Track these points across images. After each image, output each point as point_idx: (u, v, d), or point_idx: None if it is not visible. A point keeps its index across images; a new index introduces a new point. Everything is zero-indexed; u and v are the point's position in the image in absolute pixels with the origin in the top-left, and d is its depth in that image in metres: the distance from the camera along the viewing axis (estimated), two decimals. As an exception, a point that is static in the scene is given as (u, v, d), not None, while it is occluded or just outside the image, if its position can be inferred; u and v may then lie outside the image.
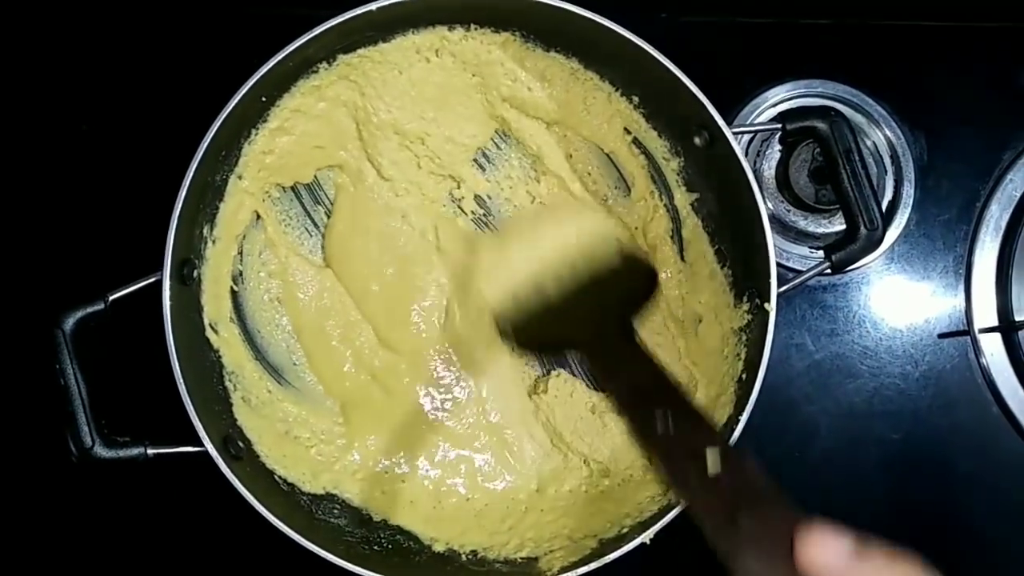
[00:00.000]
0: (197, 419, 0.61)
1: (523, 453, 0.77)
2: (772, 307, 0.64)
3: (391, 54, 0.71)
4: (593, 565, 0.63)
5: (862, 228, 0.65)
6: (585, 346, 0.63)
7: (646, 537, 0.63)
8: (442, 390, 0.78)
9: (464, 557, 0.70)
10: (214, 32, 0.83)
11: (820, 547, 0.34)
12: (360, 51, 0.70)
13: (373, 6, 0.64)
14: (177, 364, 0.61)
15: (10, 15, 0.84)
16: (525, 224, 0.76)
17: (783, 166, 0.80)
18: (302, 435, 0.72)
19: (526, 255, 0.71)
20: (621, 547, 0.63)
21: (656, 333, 0.76)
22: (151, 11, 0.84)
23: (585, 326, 0.63)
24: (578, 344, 0.64)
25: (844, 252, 0.66)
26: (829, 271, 0.67)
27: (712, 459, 0.43)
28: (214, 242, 0.68)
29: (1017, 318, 0.79)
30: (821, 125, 0.65)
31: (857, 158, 0.65)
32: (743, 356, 0.68)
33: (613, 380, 0.59)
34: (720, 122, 0.64)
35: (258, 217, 0.74)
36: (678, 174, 0.74)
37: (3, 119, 0.84)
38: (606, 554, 0.63)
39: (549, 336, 0.66)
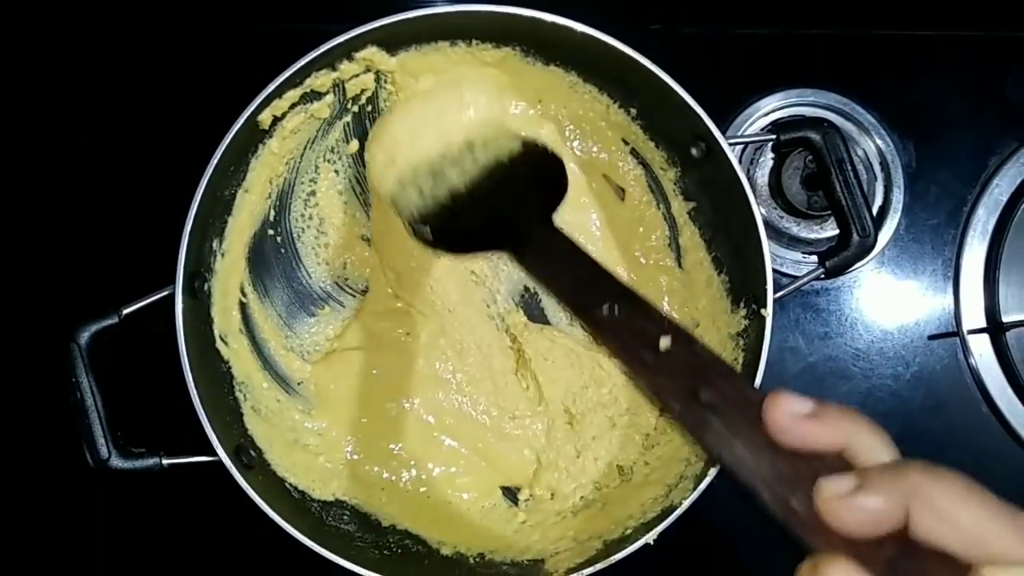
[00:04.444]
0: (211, 429, 0.62)
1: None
2: (769, 312, 0.65)
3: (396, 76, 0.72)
4: (599, 566, 0.64)
5: (855, 235, 0.67)
6: (510, 242, 0.59)
7: (650, 538, 0.64)
8: (442, 394, 0.79)
9: (472, 560, 0.71)
10: (218, 48, 0.84)
11: (785, 408, 0.37)
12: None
13: (379, 23, 0.65)
14: (191, 376, 0.62)
15: (15, 32, 0.85)
16: (407, 112, 0.72)
17: (776, 173, 0.82)
18: (310, 443, 0.74)
19: (416, 142, 0.69)
20: (625, 548, 0.64)
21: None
22: (156, 30, 0.85)
23: (504, 222, 0.61)
24: (502, 241, 0.60)
25: (838, 258, 0.68)
26: (823, 276, 0.69)
27: (663, 339, 0.44)
28: (223, 255, 0.69)
29: (1004, 319, 0.81)
30: (814, 136, 0.67)
31: (849, 167, 0.67)
32: (740, 361, 0.70)
33: (548, 277, 0.56)
34: (717, 134, 0.65)
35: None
36: (675, 184, 0.75)
37: (13, 135, 0.85)
38: (611, 555, 0.64)
39: (467, 232, 0.63)
